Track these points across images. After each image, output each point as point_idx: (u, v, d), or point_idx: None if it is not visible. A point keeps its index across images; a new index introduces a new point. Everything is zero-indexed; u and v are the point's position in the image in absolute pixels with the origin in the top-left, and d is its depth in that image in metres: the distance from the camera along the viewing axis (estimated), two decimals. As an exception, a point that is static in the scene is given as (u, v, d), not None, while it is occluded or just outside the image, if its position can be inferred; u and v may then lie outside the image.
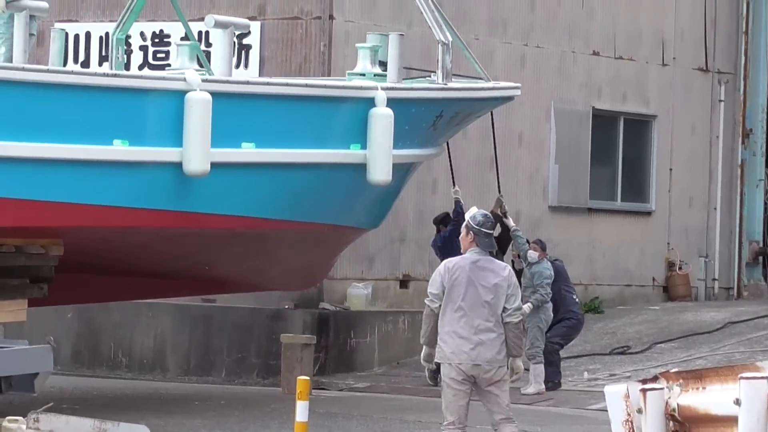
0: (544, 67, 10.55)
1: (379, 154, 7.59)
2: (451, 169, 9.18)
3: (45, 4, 7.14)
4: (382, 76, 8.00)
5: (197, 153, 6.92)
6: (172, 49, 9.02)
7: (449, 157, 9.15)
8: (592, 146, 11.08)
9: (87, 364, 9.96)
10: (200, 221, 7.38)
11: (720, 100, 12.25)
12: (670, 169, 11.85)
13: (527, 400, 8.07)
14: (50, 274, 7.39)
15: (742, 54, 12.35)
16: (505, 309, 4.15)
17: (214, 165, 6.88)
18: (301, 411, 4.79)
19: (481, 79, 8.58)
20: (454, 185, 9.14)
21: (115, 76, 7.53)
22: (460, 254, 9.21)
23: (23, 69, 6.57)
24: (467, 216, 4.52)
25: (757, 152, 12.59)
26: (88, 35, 10.24)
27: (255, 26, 9.35)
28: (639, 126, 11.74)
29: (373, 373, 9.85)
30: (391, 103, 7.63)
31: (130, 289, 8.64)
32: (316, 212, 7.93)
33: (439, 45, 8.04)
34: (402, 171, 8.29)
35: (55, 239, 7.25)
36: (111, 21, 9.32)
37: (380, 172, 7.60)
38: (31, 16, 6.88)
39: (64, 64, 8.58)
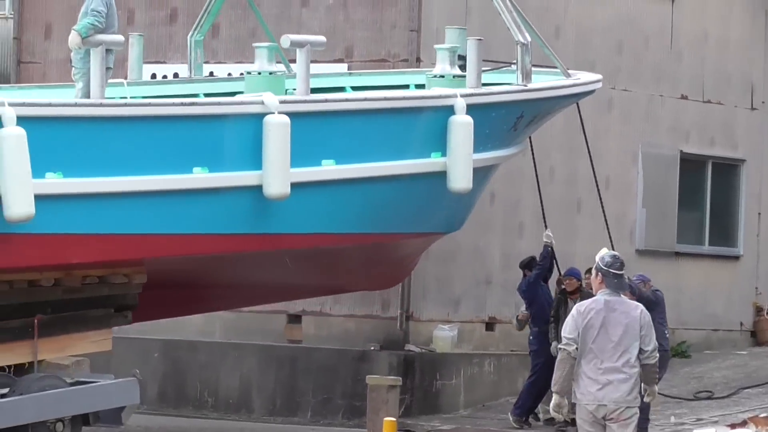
0: (631, 110, 10.57)
1: (459, 162, 7.54)
2: (543, 213, 9.14)
3: (120, 38, 7.22)
4: (461, 78, 7.95)
5: (277, 176, 6.88)
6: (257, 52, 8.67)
7: (540, 200, 9.11)
8: (679, 190, 11.03)
9: (173, 404, 10.09)
10: (282, 242, 7.34)
11: (810, 145, 12.40)
12: (759, 214, 11.74)
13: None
14: (135, 302, 7.50)
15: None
16: (642, 351, 4.13)
17: (294, 185, 6.87)
18: None
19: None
20: (546, 228, 9.05)
21: (192, 104, 7.51)
22: (545, 299, 9.23)
23: (101, 105, 6.64)
24: (597, 257, 4.46)
25: None
26: (176, 77, 10.49)
27: (342, 69, 9.60)
28: (727, 170, 11.66)
29: (459, 416, 9.81)
30: (471, 109, 7.58)
31: (212, 300, 8.75)
32: (398, 222, 7.94)
33: (518, 46, 7.95)
34: (483, 173, 8.30)
35: (138, 268, 7.30)
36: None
37: (461, 180, 7.54)
38: (108, 50, 6.91)
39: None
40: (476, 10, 9.54)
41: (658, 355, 4.32)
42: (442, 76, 8.04)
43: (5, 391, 6.91)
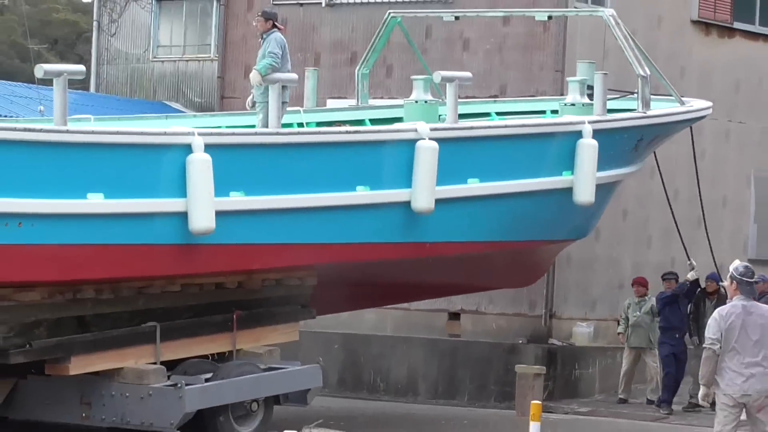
0: (746, 140, 11.79)
1: (584, 179, 8.23)
2: (684, 247, 10.08)
3: (294, 76, 7.62)
4: (589, 106, 8.64)
5: (423, 193, 7.49)
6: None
7: (678, 233, 10.03)
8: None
9: (350, 388, 11.41)
10: (432, 249, 8.05)
11: None
12: None
13: None
14: (307, 301, 8.31)
15: None
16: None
17: (442, 200, 7.58)
18: (534, 431, 5.50)
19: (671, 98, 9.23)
20: (689, 259, 9.93)
21: (356, 132, 8.14)
22: (674, 314, 10.03)
23: (277, 134, 7.19)
24: (731, 267, 4.92)
25: None
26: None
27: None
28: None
29: (594, 400, 10.91)
30: (597, 133, 8.29)
31: (374, 298, 9.59)
32: (533, 231, 8.68)
33: (639, 78, 8.66)
34: (607, 189, 9.00)
35: (310, 272, 8.01)
36: (374, 98, 10.55)
37: (585, 194, 8.28)
38: (283, 87, 7.30)
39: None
40: (612, 51, 10.26)
41: None
42: (573, 105, 8.83)
43: (209, 375, 7.46)
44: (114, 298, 7.03)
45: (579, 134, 8.22)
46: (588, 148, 8.16)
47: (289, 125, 8.13)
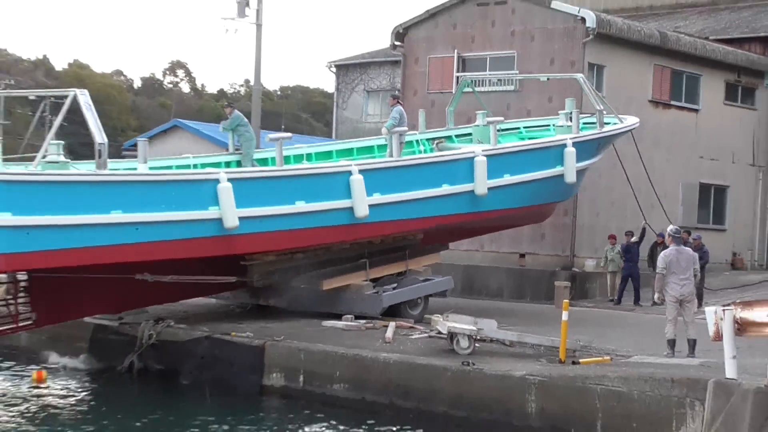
0: (677, 163, 20.26)
1: (569, 170, 13.96)
2: (643, 216, 17.11)
3: (405, 129, 13.54)
4: (569, 127, 14.36)
5: (481, 185, 12.68)
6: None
7: (641, 212, 17.15)
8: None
9: (467, 293, 17.42)
10: (488, 215, 13.61)
11: None
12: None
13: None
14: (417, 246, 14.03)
15: None
16: (694, 270, 9.23)
17: (490, 188, 12.75)
18: (564, 317, 9.45)
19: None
20: (645, 219, 16.93)
21: (442, 155, 14.10)
22: (631, 254, 18.98)
23: (397, 160, 12.89)
24: (668, 229, 9.97)
25: None
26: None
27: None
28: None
29: (596, 300, 17.64)
30: (575, 143, 13.93)
31: (452, 238, 15.32)
32: (543, 198, 14.41)
33: (597, 111, 14.70)
34: (581, 173, 14.66)
35: (418, 232, 13.57)
36: (459, 125, 16.47)
37: (570, 178, 14.07)
38: (400, 135, 13.25)
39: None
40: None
41: (699, 272, 9.59)
42: (562, 126, 14.70)
43: (395, 285, 12.62)
44: (329, 251, 12.94)
45: (565, 145, 14.13)
46: (570, 153, 14.08)
47: (409, 145, 14.32)
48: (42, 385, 10.88)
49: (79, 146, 25.78)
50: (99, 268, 10.09)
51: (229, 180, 10.71)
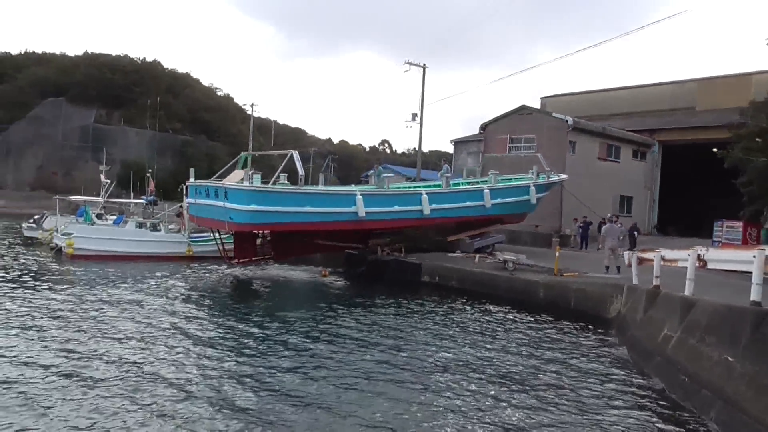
0: (612, 187, 32.80)
1: (532, 197, 28.28)
2: (593, 212, 31.16)
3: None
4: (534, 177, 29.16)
5: (489, 202, 26.94)
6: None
7: (592, 211, 31.99)
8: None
9: (511, 243, 33.60)
10: (490, 218, 27.53)
11: None
12: None
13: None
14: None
15: None
16: (621, 233, 22.35)
17: (492, 204, 26.81)
18: (557, 254, 27.88)
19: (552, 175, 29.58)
20: (593, 213, 30.88)
21: (466, 188, 27.93)
22: (584, 229, 35.98)
23: (448, 188, 27.03)
24: (607, 216, 25.54)
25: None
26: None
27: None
28: None
29: (571, 249, 33.07)
30: (536, 185, 28.44)
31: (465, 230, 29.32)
32: (519, 210, 28.56)
33: (547, 171, 29.66)
34: (539, 200, 28.79)
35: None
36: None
37: (533, 201, 28.42)
38: (447, 177, 30.91)
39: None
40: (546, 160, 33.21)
41: (624, 235, 23.31)
42: (531, 176, 29.49)
43: (479, 238, 27.49)
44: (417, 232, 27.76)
45: (529, 185, 28.67)
46: (533, 189, 28.63)
47: (456, 184, 28.71)
48: (326, 278, 23.59)
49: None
50: (299, 233, 22.63)
51: (361, 194, 22.74)
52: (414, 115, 40.23)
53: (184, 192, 30.24)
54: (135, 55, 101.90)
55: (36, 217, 37.28)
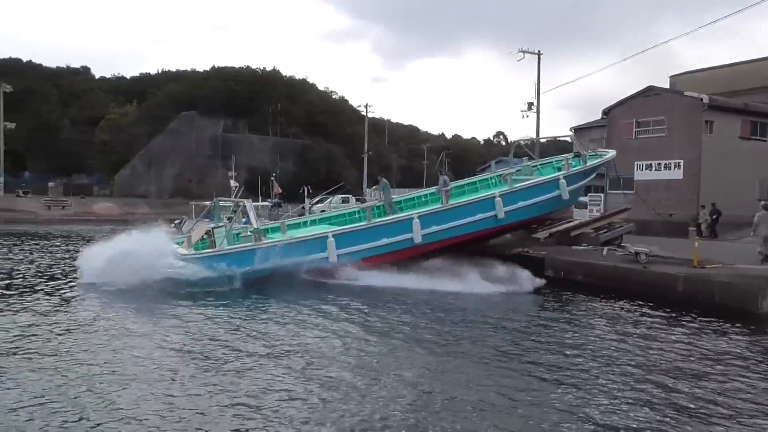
0: None
1: (563, 191, 23.08)
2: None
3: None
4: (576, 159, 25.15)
5: (500, 210, 22.34)
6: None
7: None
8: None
9: (641, 234, 31.80)
10: (512, 224, 23.57)
11: None
12: None
13: None
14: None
15: None
16: None
17: (507, 211, 22.57)
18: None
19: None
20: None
21: (477, 198, 23.25)
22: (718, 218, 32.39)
23: (447, 205, 24.42)
24: (761, 203, 23.30)
25: None
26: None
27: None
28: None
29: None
30: (566, 177, 23.27)
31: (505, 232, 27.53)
32: (551, 209, 24.09)
33: (583, 155, 24.97)
34: (575, 193, 24.05)
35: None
36: None
37: (565, 196, 23.19)
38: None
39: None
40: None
41: None
42: (560, 167, 25.33)
43: (605, 230, 25.89)
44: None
45: (558, 179, 23.40)
46: (563, 183, 23.26)
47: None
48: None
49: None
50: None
51: (333, 235, 20.26)
52: (530, 104, 39.13)
53: (306, 194, 31.27)
54: (256, 65, 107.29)
55: (176, 221, 40.20)
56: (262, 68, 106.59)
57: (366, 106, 79.76)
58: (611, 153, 26.71)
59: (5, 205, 71.19)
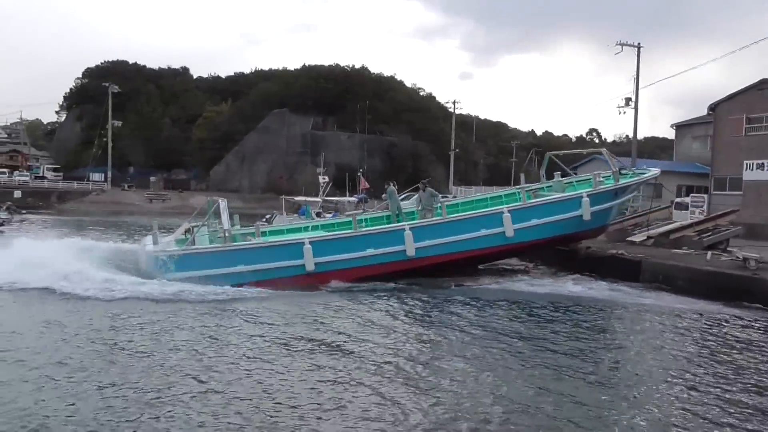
0: None
1: (585, 211, 20.44)
2: None
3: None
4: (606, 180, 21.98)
5: (509, 227, 19.88)
6: None
7: None
8: None
9: (750, 239, 29.66)
10: (527, 243, 20.69)
11: None
12: None
13: None
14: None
15: None
16: None
17: (520, 229, 19.99)
18: None
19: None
20: None
21: (490, 211, 20.71)
22: None
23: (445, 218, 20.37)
24: None
25: None
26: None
27: None
28: None
29: None
30: (590, 195, 20.62)
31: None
32: (571, 228, 20.78)
33: (613, 172, 21.76)
34: (601, 214, 21.19)
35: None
36: None
37: (586, 216, 20.52)
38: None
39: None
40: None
41: None
42: (590, 184, 21.93)
43: (709, 234, 24.79)
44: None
45: (581, 197, 20.81)
46: (586, 201, 20.69)
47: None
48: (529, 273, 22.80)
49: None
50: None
51: (311, 242, 18.47)
52: (628, 100, 37.37)
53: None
54: (345, 63, 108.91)
55: (267, 216, 41.49)
56: (351, 66, 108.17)
57: (453, 103, 79.23)
58: (652, 172, 23.53)
59: (112, 198, 76.27)
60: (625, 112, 37.95)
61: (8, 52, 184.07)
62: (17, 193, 68.98)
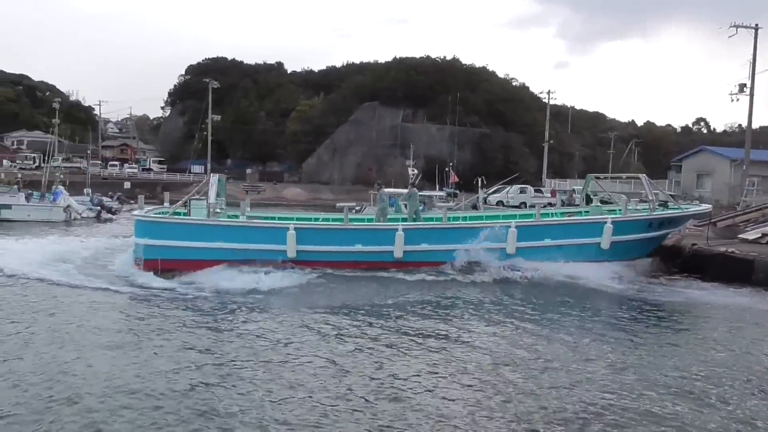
0: None
1: (605, 239, 18.93)
2: None
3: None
4: (635, 210, 20.49)
5: (511, 245, 18.85)
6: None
7: None
8: None
9: None
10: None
11: None
12: None
13: None
14: None
15: None
16: None
17: (526, 247, 19.22)
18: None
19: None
20: None
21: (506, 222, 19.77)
22: None
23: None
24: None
25: None
26: None
27: None
28: None
29: None
30: (615, 222, 19.08)
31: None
32: (589, 256, 18.87)
33: (650, 201, 19.96)
34: (628, 247, 19.34)
35: None
36: None
37: (605, 245, 19.01)
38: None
39: None
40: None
41: None
42: (619, 210, 20.86)
43: None
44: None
45: (605, 222, 19.37)
46: (608, 228, 19.11)
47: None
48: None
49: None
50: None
51: (295, 228, 18.23)
52: (742, 86, 34.61)
53: (480, 185, 30.69)
54: (436, 55, 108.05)
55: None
56: (442, 57, 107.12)
57: (548, 93, 76.90)
58: (703, 207, 22.19)
59: (211, 189, 79.39)
60: (738, 99, 35.20)
61: (118, 51, 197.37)
62: (127, 184, 73.76)
